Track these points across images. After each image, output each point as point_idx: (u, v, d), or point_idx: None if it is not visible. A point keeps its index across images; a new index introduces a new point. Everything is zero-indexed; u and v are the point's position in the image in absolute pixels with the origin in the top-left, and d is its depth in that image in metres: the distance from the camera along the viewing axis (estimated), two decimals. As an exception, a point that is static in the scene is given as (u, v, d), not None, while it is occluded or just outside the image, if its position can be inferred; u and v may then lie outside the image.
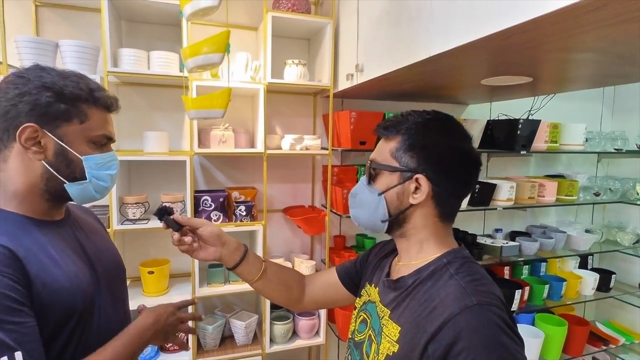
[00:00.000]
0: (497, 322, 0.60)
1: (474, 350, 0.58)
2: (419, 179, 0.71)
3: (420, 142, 0.71)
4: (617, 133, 2.43)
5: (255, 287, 0.95)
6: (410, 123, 0.72)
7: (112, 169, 0.80)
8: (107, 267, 0.85)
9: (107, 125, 0.78)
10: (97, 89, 0.76)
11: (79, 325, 0.72)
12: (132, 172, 1.82)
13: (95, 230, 0.90)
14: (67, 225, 0.81)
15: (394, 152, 0.73)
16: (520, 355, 0.60)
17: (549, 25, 0.80)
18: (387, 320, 0.73)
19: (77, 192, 0.75)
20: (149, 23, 1.77)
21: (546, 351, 2.11)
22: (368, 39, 1.52)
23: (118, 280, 0.89)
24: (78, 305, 0.72)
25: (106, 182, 0.79)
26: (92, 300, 0.76)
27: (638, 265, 2.48)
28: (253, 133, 1.92)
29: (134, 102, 1.80)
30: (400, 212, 0.74)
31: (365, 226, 0.80)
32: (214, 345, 1.84)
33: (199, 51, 0.95)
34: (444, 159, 0.71)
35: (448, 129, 0.73)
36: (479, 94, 1.93)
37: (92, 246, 0.84)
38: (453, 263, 0.70)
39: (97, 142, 0.77)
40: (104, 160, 0.78)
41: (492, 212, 2.47)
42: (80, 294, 0.72)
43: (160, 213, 0.86)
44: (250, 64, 1.74)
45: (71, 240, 0.79)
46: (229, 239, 0.91)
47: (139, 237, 1.84)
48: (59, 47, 1.49)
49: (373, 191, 0.75)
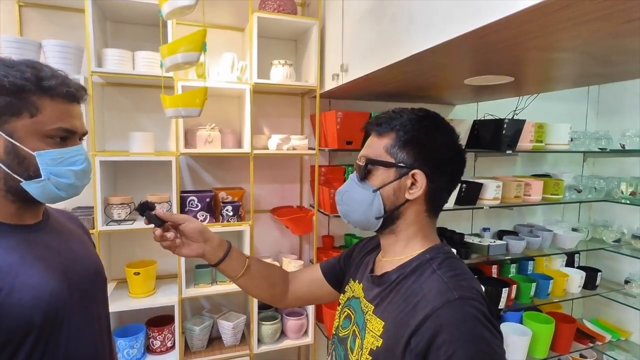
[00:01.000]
0: (477, 316, 0.62)
1: (455, 343, 0.59)
2: (416, 175, 0.71)
3: (416, 138, 0.72)
4: (601, 133, 2.46)
5: (238, 283, 0.95)
6: (404, 119, 0.73)
7: (77, 165, 0.73)
8: (85, 277, 0.79)
9: (66, 117, 0.71)
10: (48, 78, 0.68)
11: (40, 343, 0.67)
12: (117, 173, 1.82)
13: (75, 237, 0.85)
14: (42, 230, 0.76)
15: (389, 148, 0.73)
16: (499, 349, 0.61)
17: (521, 23, 0.82)
18: (371, 315, 0.74)
19: (36, 191, 0.70)
20: (134, 24, 1.77)
21: (534, 349, 2.12)
22: (352, 39, 1.53)
23: (96, 292, 0.83)
24: (36, 321, 0.66)
25: (68, 178, 0.72)
26: (57, 316, 0.70)
27: (623, 262, 2.51)
28: (240, 133, 1.92)
29: (119, 102, 1.79)
30: (396, 208, 0.74)
31: (357, 223, 0.79)
32: (201, 347, 1.83)
33: (175, 50, 0.95)
34: (440, 154, 0.73)
35: (441, 125, 0.75)
36: (464, 94, 1.95)
37: (69, 254, 0.78)
38: (435, 259, 0.72)
39: (54, 136, 0.70)
40: (63, 156, 0.71)
41: (480, 212, 2.49)
42: (41, 307, 0.67)
43: (141, 208, 0.84)
44: (236, 64, 1.75)
45: (43, 247, 0.74)
46: (212, 235, 0.90)
47: (125, 238, 1.83)
48: (42, 47, 1.48)
49: (367, 187, 0.75)
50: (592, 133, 2.48)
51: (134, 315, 1.78)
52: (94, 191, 1.54)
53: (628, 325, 2.51)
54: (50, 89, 0.68)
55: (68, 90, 0.71)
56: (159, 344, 1.74)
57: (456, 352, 0.58)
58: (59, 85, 0.69)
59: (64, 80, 0.71)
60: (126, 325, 1.77)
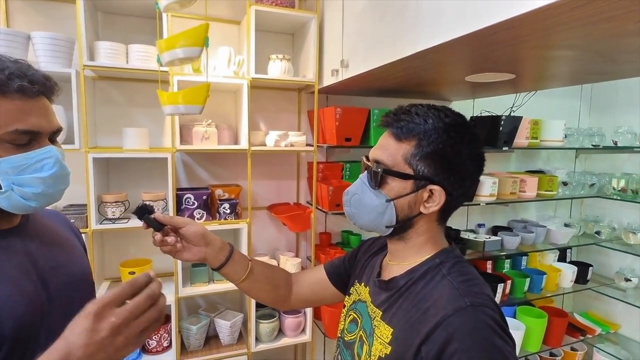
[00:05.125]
0: (489, 324, 0.60)
1: (467, 352, 0.58)
2: (434, 190, 0.67)
3: (440, 151, 0.66)
4: (594, 129, 2.49)
5: (241, 287, 0.92)
6: (429, 127, 0.66)
7: (45, 170, 0.64)
8: (68, 283, 0.72)
9: (24, 116, 0.61)
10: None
11: (14, 357, 0.61)
12: (110, 170, 1.76)
13: (59, 241, 0.78)
14: (17, 235, 0.69)
15: (409, 158, 0.67)
16: (512, 357, 0.60)
17: (533, 22, 0.81)
18: (379, 321, 0.72)
19: (3, 203, 0.62)
20: (126, 15, 1.71)
21: (527, 343, 2.16)
22: (353, 35, 1.51)
23: (82, 298, 0.77)
24: (6, 334, 0.59)
25: (36, 187, 0.63)
26: (32, 328, 0.63)
27: (614, 257, 2.56)
28: (237, 129, 1.88)
29: (112, 97, 1.73)
30: (408, 219, 0.71)
31: (366, 228, 0.76)
32: (198, 346, 1.81)
33: (175, 44, 0.91)
34: (463, 168, 0.68)
35: (467, 135, 0.69)
36: (463, 90, 1.94)
37: (49, 260, 0.71)
38: (445, 263, 0.70)
39: (12, 140, 0.60)
40: (26, 162, 0.62)
41: (475, 208, 2.51)
42: (12, 319, 0.60)
43: (140, 212, 0.80)
44: (233, 59, 1.71)
45: (19, 253, 0.67)
46: (213, 238, 0.87)
47: (119, 236, 1.79)
48: (31, 39, 1.42)
49: (380, 196, 0.70)
50: (586, 130, 2.50)
51: (128, 315, 1.75)
52: (87, 189, 1.49)
53: (617, 318, 2.56)
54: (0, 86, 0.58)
55: (21, 85, 0.59)
56: (155, 343, 1.71)
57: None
58: (7, 80, 0.59)
59: (17, 72, 0.60)
60: (121, 326, 1.73)
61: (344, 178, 2.04)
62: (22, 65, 0.63)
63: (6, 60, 0.62)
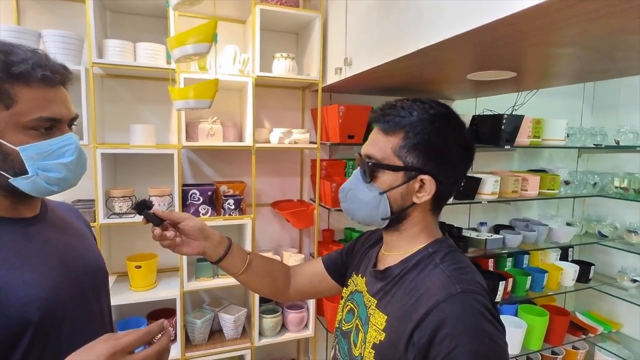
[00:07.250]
0: (480, 310, 0.62)
1: (457, 336, 0.59)
2: (424, 179, 0.70)
3: (426, 141, 0.69)
4: (596, 129, 2.50)
5: (240, 280, 0.94)
6: (414, 119, 0.69)
7: (67, 156, 0.67)
8: (85, 271, 0.76)
9: (47, 104, 0.64)
10: (17, 63, 0.60)
11: (38, 340, 0.63)
12: (118, 166, 1.80)
13: (75, 231, 0.81)
14: (40, 223, 0.72)
15: (397, 150, 0.70)
16: (501, 342, 0.62)
17: (534, 18, 0.83)
18: (374, 309, 0.74)
19: (27, 187, 0.65)
20: (134, 14, 1.74)
21: (528, 341, 2.17)
22: (357, 33, 1.53)
23: (97, 287, 0.79)
24: (32, 317, 0.62)
25: (59, 172, 0.66)
26: (55, 312, 0.66)
27: (616, 256, 2.57)
28: (241, 126, 1.91)
29: (119, 94, 1.77)
30: (402, 210, 0.73)
31: (363, 222, 0.78)
32: (202, 340, 1.83)
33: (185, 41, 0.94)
34: (450, 156, 0.71)
35: (452, 124, 0.72)
36: (465, 89, 1.96)
37: (69, 248, 0.75)
38: (438, 252, 0.72)
39: (36, 127, 0.63)
40: (50, 148, 0.65)
41: (477, 206, 2.52)
42: (37, 303, 0.63)
43: (139, 207, 0.81)
44: (238, 57, 1.73)
45: (41, 241, 0.70)
46: (212, 232, 0.88)
47: (126, 231, 1.82)
48: (41, 37, 1.45)
49: (373, 189, 0.73)
50: (588, 129, 2.51)
51: (134, 309, 1.78)
52: (95, 184, 1.52)
53: (619, 317, 2.57)
54: (21, 75, 0.61)
55: (44, 74, 0.62)
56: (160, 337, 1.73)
57: (458, 345, 0.58)
58: (31, 70, 0.61)
59: (39, 62, 0.62)
60: (127, 319, 1.76)
61: (347, 175, 2.06)
62: (41, 55, 0.65)
63: (26, 50, 0.64)
